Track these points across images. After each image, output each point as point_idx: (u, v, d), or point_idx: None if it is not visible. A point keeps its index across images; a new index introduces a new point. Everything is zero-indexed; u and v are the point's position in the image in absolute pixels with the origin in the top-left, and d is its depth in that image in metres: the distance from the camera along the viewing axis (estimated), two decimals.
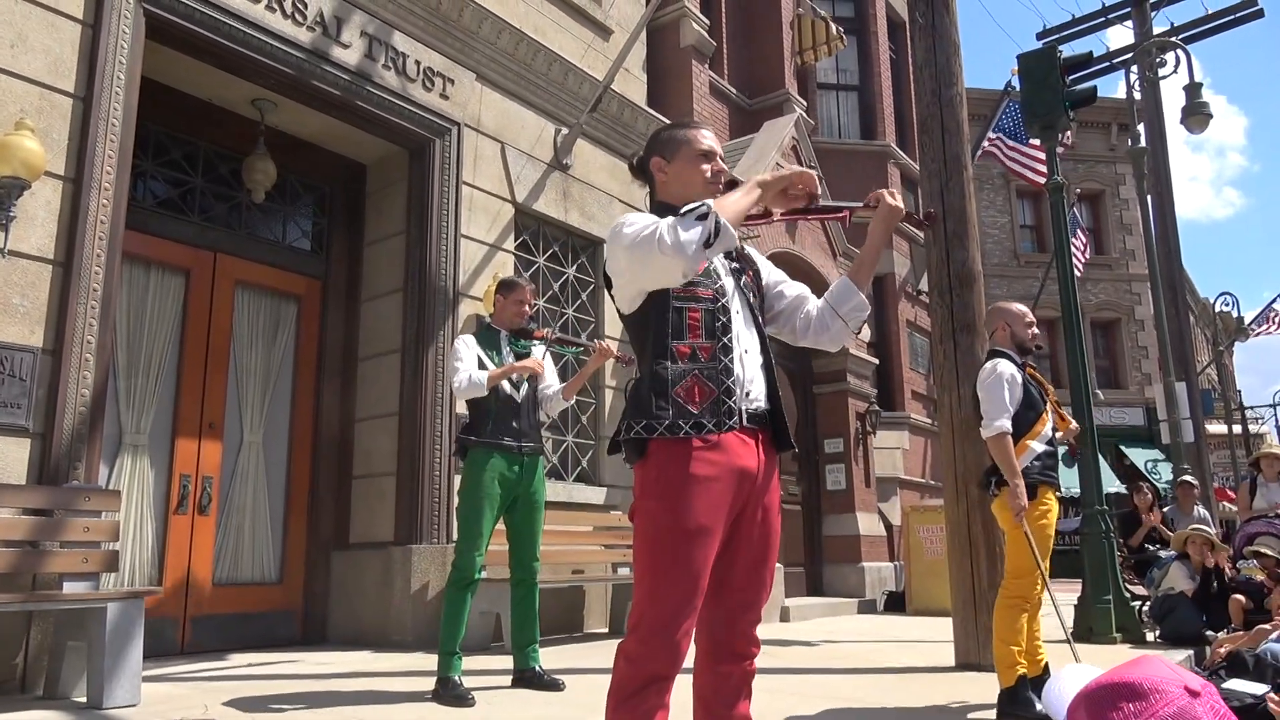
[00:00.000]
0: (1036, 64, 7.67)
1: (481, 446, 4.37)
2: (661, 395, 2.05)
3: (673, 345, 2.07)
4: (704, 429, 2.02)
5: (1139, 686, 1.08)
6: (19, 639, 4.32)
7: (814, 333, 2.36)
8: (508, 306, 4.65)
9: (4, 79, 4.62)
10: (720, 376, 2.06)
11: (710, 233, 1.95)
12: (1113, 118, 24.05)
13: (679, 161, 2.28)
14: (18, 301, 4.55)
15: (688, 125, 2.35)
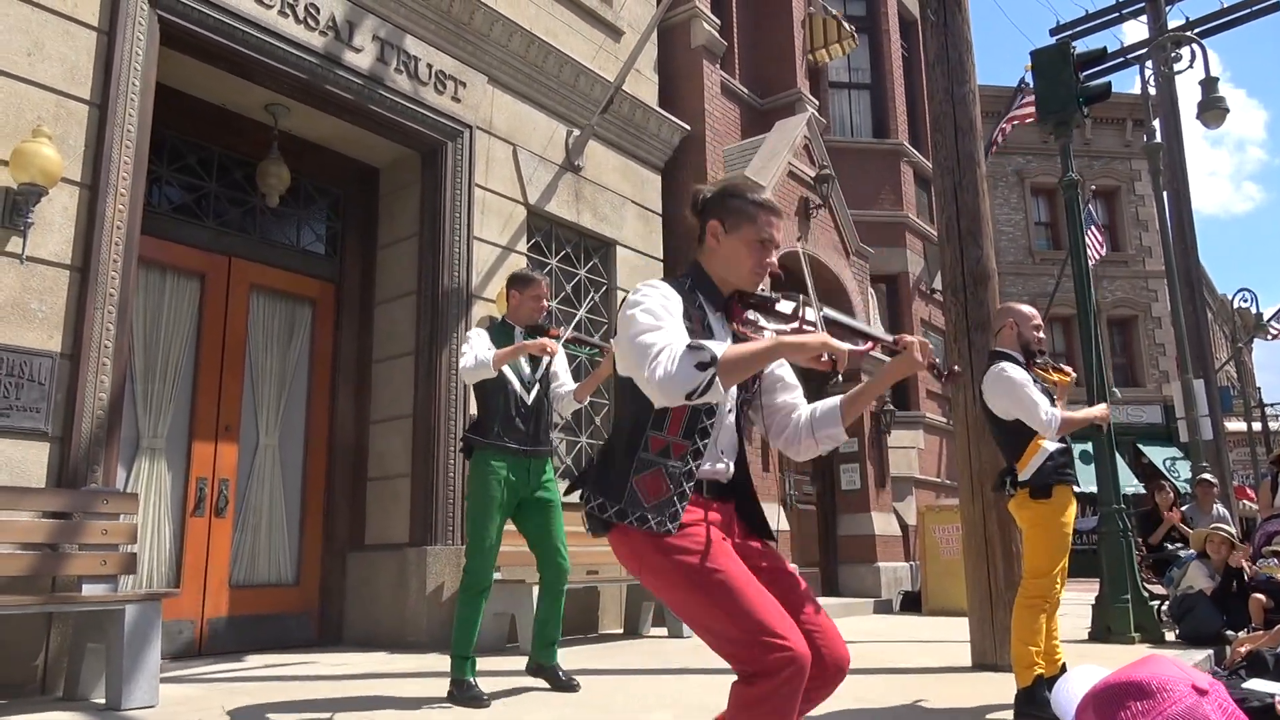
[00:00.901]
0: (1050, 60, 7.63)
1: (487, 448, 4.28)
2: (623, 482, 2.04)
3: (649, 434, 2.05)
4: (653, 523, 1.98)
5: (1146, 685, 1.07)
6: (39, 641, 4.36)
7: (786, 441, 2.32)
8: (524, 302, 4.48)
9: (22, 87, 4.67)
10: (681, 479, 2.02)
11: (701, 388, 1.86)
12: (1128, 113, 23.87)
13: (735, 238, 2.21)
14: (36, 307, 4.59)
15: (762, 204, 2.23)
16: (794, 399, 2.34)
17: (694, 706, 4.01)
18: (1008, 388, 3.91)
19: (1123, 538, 6.93)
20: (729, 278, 2.21)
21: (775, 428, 2.32)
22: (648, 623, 7.42)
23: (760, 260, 2.21)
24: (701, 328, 2.11)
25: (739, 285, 2.22)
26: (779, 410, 2.32)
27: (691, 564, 1.95)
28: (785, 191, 9.62)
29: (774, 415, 2.32)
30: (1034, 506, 3.89)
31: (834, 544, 10.10)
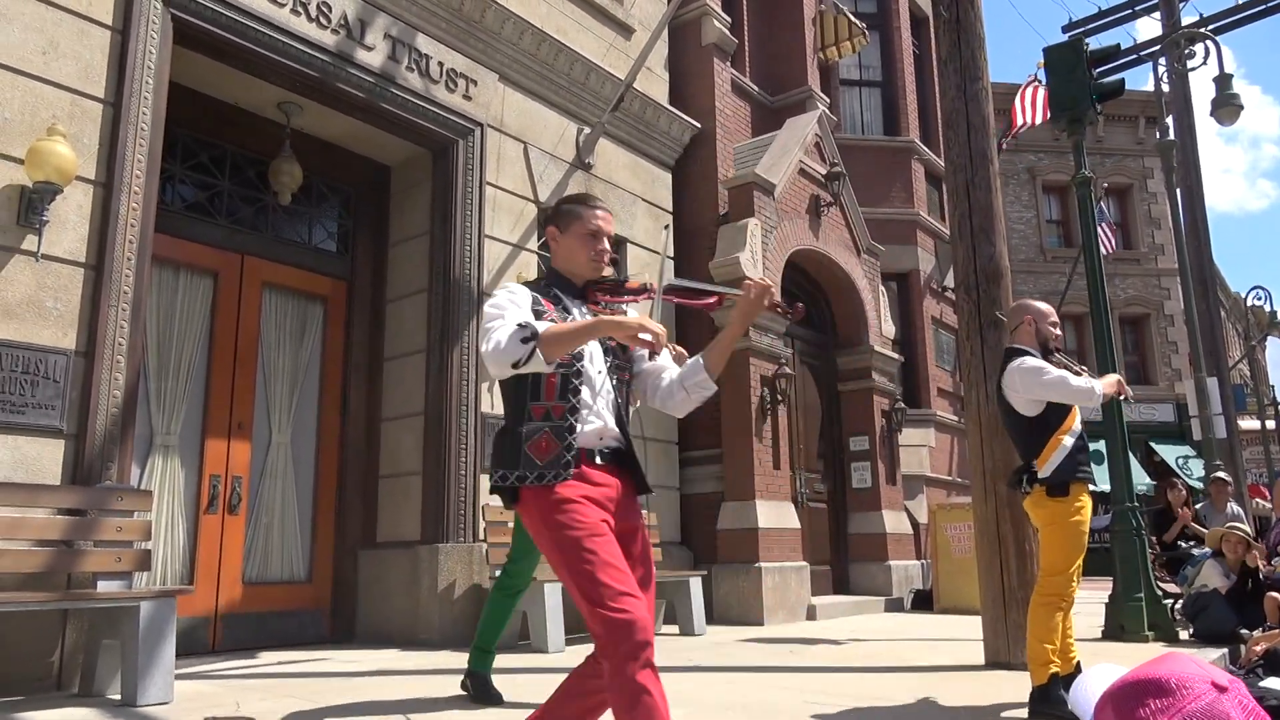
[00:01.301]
0: (1063, 57, 7.58)
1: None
2: (516, 449, 2.38)
3: (530, 405, 2.39)
4: (548, 478, 2.31)
5: (1165, 683, 1.06)
6: (55, 637, 4.38)
7: (661, 398, 2.64)
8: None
9: (37, 85, 4.70)
10: (565, 434, 2.36)
11: (524, 357, 2.23)
12: (1140, 110, 23.73)
13: (569, 236, 2.58)
14: (51, 305, 4.62)
15: (585, 202, 2.61)
16: (663, 364, 2.68)
17: (709, 704, 4.01)
18: (1030, 377, 3.89)
19: (1136, 536, 6.89)
20: (575, 270, 2.58)
21: (650, 389, 2.67)
22: (659, 621, 7.42)
23: (593, 249, 2.57)
24: (562, 317, 2.45)
25: (584, 275, 2.58)
26: (650, 375, 2.66)
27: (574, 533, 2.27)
28: (796, 189, 9.60)
29: (646, 380, 2.66)
30: (1050, 505, 3.87)
31: (845, 542, 10.08)
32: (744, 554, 8.11)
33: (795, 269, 9.76)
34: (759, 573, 7.97)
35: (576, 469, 2.35)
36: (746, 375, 8.46)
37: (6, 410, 4.37)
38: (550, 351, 2.26)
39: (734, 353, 8.61)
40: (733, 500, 8.36)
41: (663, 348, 2.38)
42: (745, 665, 5.34)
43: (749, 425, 8.36)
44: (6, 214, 4.50)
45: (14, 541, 4.18)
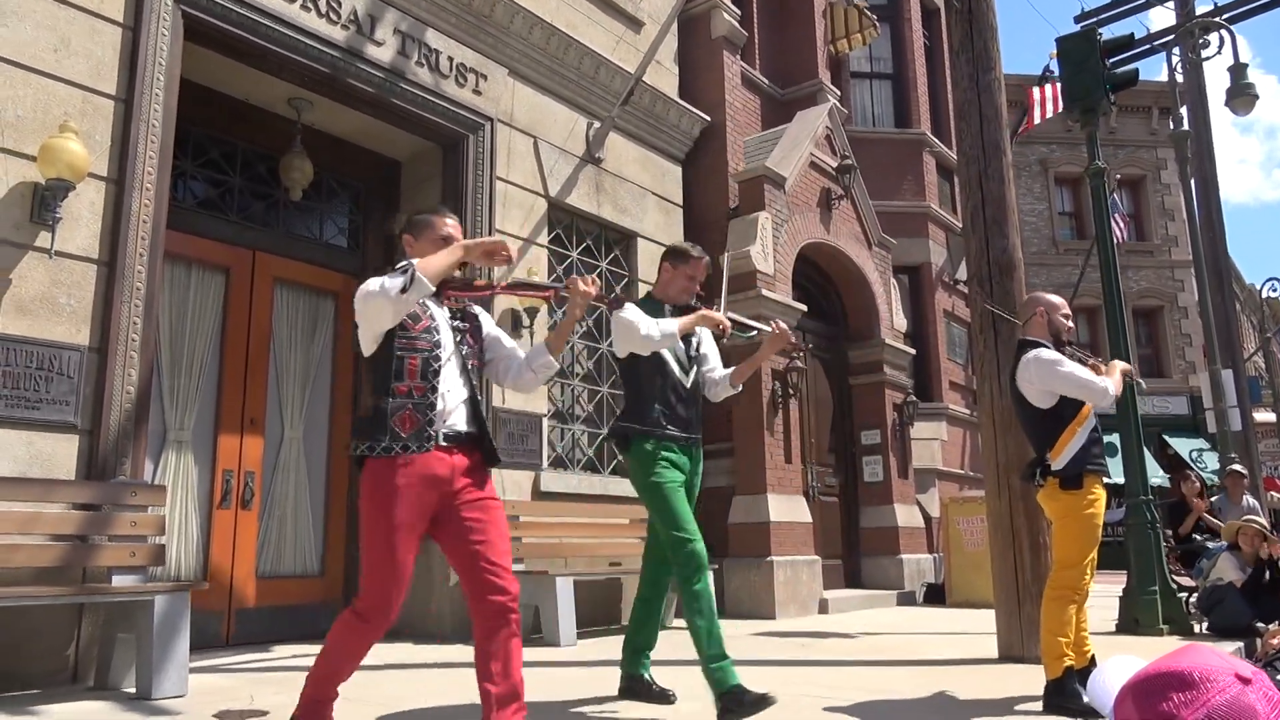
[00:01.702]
0: (1076, 47, 7.53)
1: (648, 436, 3.78)
2: (381, 423, 2.73)
3: (393, 384, 2.75)
4: (409, 449, 2.71)
5: (1188, 675, 1.04)
6: (70, 631, 4.41)
7: (511, 378, 3.15)
8: (676, 279, 4.02)
9: (49, 83, 4.71)
10: (427, 410, 2.76)
11: (406, 282, 2.63)
12: (1154, 101, 23.55)
13: (422, 241, 2.99)
14: (64, 301, 4.64)
15: (435, 212, 3.10)
16: (510, 349, 3.18)
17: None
18: (1047, 369, 3.87)
19: (1150, 529, 6.85)
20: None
21: (501, 371, 3.15)
22: (670, 614, 7.42)
23: None
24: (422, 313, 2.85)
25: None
26: (500, 359, 3.15)
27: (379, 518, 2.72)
28: (807, 182, 9.56)
29: (497, 364, 3.14)
30: (1064, 497, 3.84)
31: (857, 536, 10.06)
32: (756, 548, 8.11)
33: (806, 262, 9.73)
34: (770, 566, 7.97)
35: (435, 443, 2.75)
36: (757, 369, 8.43)
37: (21, 406, 4.40)
38: (430, 274, 2.70)
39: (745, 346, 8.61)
40: (744, 494, 8.35)
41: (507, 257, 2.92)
42: (757, 659, 5.33)
43: (760, 419, 8.35)
44: (20, 211, 4.52)
45: (30, 536, 4.21)
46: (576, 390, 7.81)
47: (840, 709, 3.80)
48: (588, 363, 7.95)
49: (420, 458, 2.72)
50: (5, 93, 4.56)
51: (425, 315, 2.85)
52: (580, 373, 7.88)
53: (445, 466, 2.78)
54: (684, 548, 3.65)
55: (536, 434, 7.12)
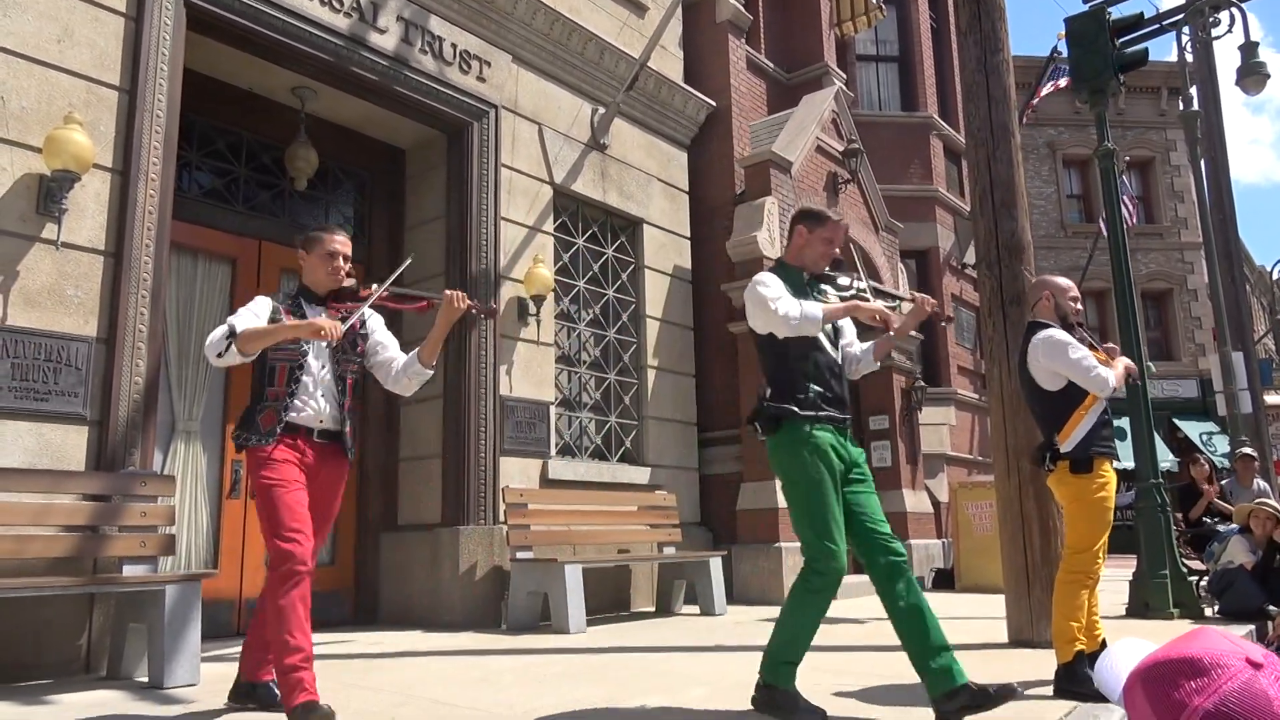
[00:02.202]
0: (1085, 26, 7.45)
1: (804, 419, 3.30)
2: (251, 419, 3.27)
3: (265, 389, 3.29)
4: (265, 442, 3.20)
5: (1199, 661, 1.03)
6: (82, 621, 4.44)
7: (392, 382, 3.58)
8: (813, 244, 3.57)
9: (53, 74, 4.71)
10: (282, 412, 3.24)
11: (223, 350, 3.16)
12: (1163, 81, 23.34)
13: (312, 258, 3.44)
14: (72, 293, 4.65)
15: (328, 230, 3.50)
16: (392, 355, 3.61)
17: (730, 683, 4.01)
18: (1057, 349, 3.83)
19: (1160, 513, 6.83)
20: (317, 281, 3.46)
21: (382, 375, 3.59)
22: (679, 600, 7.43)
23: (330, 266, 3.44)
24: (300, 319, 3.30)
25: (326, 286, 3.46)
26: (382, 365, 3.59)
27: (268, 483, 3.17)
28: (813, 167, 9.51)
29: (379, 369, 3.59)
30: (1074, 481, 3.81)
31: None
32: (764, 534, 8.11)
33: None
34: (779, 552, 7.97)
35: (289, 439, 3.24)
36: None
37: (31, 397, 4.41)
38: (248, 348, 3.18)
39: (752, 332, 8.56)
40: (752, 480, 8.35)
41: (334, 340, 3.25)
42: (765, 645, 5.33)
43: None
44: (26, 203, 4.52)
45: (42, 527, 4.23)
46: (584, 378, 7.81)
47: (852, 693, 3.80)
48: (595, 350, 7.94)
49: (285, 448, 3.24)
50: (9, 84, 4.55)
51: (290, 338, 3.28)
52: (587, 360, 7.87)
53: (310, 457, 3.30)
54: (823, 559, 3.22)
55: (544, 422, 7.12)
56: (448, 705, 3.56)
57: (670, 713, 3.41)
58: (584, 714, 3.39)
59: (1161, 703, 0.99)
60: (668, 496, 7.74)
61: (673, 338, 8.54)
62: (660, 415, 8.22)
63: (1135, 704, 1.03)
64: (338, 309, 3.42)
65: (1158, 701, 1.00)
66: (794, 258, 3.62)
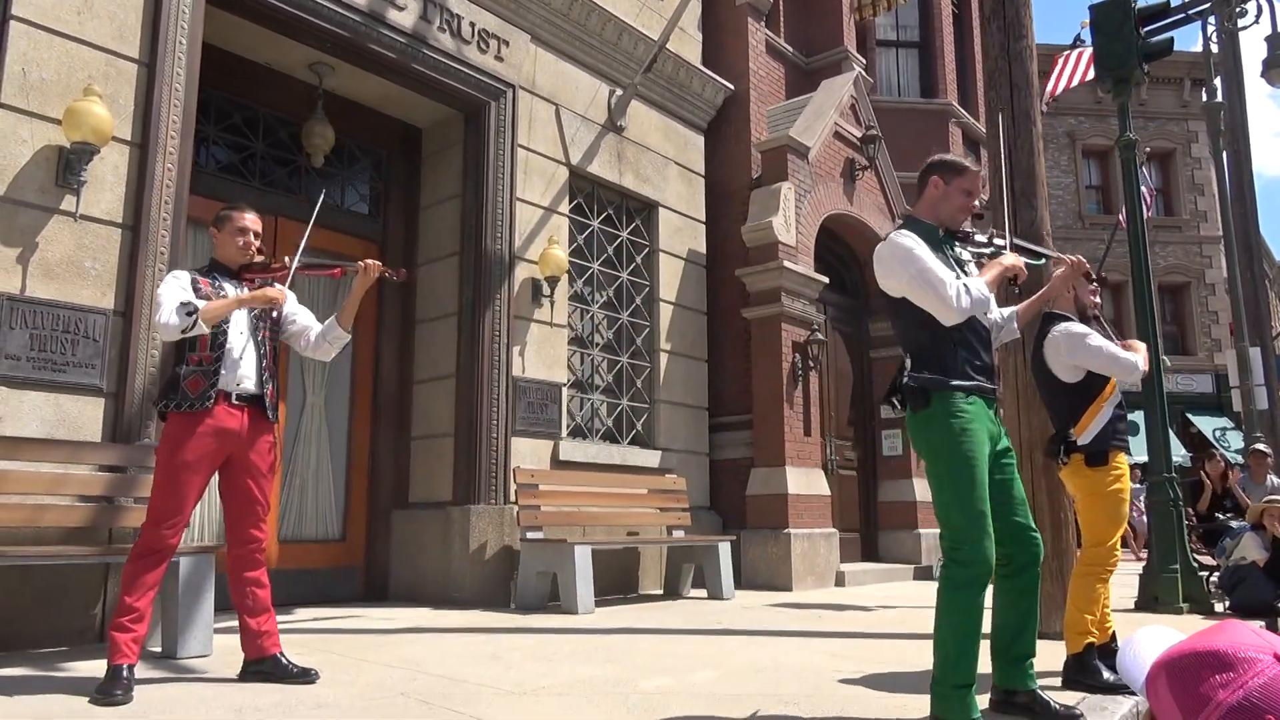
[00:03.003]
0: (1110, 15, 7.36)
1: (956, 391, 2.93)
2: (176, 385, 3.45)
3: (188, 354, 3.46)
4: (196, 406, 3.39)
5: (1226, 655, 1.01)
6: (97, 590, 4.48)
7: (311, 349, 3.82)
8: (952, 196, 3.15)
9: (73, 46, 4.71)
10: (211, 375, 3.44)
11: (189, 328, 3.32)
12: (1186, 72, 23.08)
13: (224, 234, 3.67)
14: (89, 265, 4.67)
15: (235, 208, 3.73)
16: (308, 324, 3.84)
17: (738, 667, 4.02)
18: (1075, 340, 3.80)
19: (1173, 507, 6.80)
20: (229, 257, 3.68)
21: (301, 343, 3.83)
22: (687, 584, 7.46)
23: (242, 242, 3.65)
24: (215, 292, 3.53)
25: (237, 261, 3.67)
26: (299, 333, 3.82)
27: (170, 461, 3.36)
28: (830, 152, 9.45)
29: (297, 338, 3.83)
30: (1090, 475, 3.78)
31: (874, 510, 10.05)
32: (773, 520, 8.12)
33: (828, 233, 9.64)
34: (788, 539, 7.98)
35: (215, 403, 3.42)
36: (778, 341, 8.41)
37: (49, 368, 4.44)
38: (209, 321, 3.37)
39: (766, 318, 8.53)
40: (763, 466, 8.35)
41: (281, 305, 3.66)
42: (774, 629, 5.35)
43: (780, 391, 8.33)
44: (45, 174, 4.54)
45: (58, 497, 4.27)
46: (596, 360, 7.81)
47: (857, 679, 3.81)
48: (608, 333, 7.94)
49: (213, 410, 3.42)
50: (30, 55, 4.56)
51: (219, 297, 3.49)
52: (600, 343, 7.87)
53: (234, 421, 3.48)
54: (969, 543, 2.83)
55: (555, 403, 7.13)
56: (457, 681, 3.59)
57: (676, 694, 3.42)
58: (591, 693, 3.41)
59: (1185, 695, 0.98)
60: (678, 480, 7.75)
61: (686, 322, 8.53)
62: (672, 399, 8.22)
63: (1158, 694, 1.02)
64: (251, 279, 3.66)
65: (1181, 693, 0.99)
66: (929, 212, 3.18)
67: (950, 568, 2.87)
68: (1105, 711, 3.21)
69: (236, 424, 3.48)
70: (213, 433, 3.41)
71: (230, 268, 3.66)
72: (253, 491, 3.57)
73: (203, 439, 3.38)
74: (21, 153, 4.48)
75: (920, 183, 3.26)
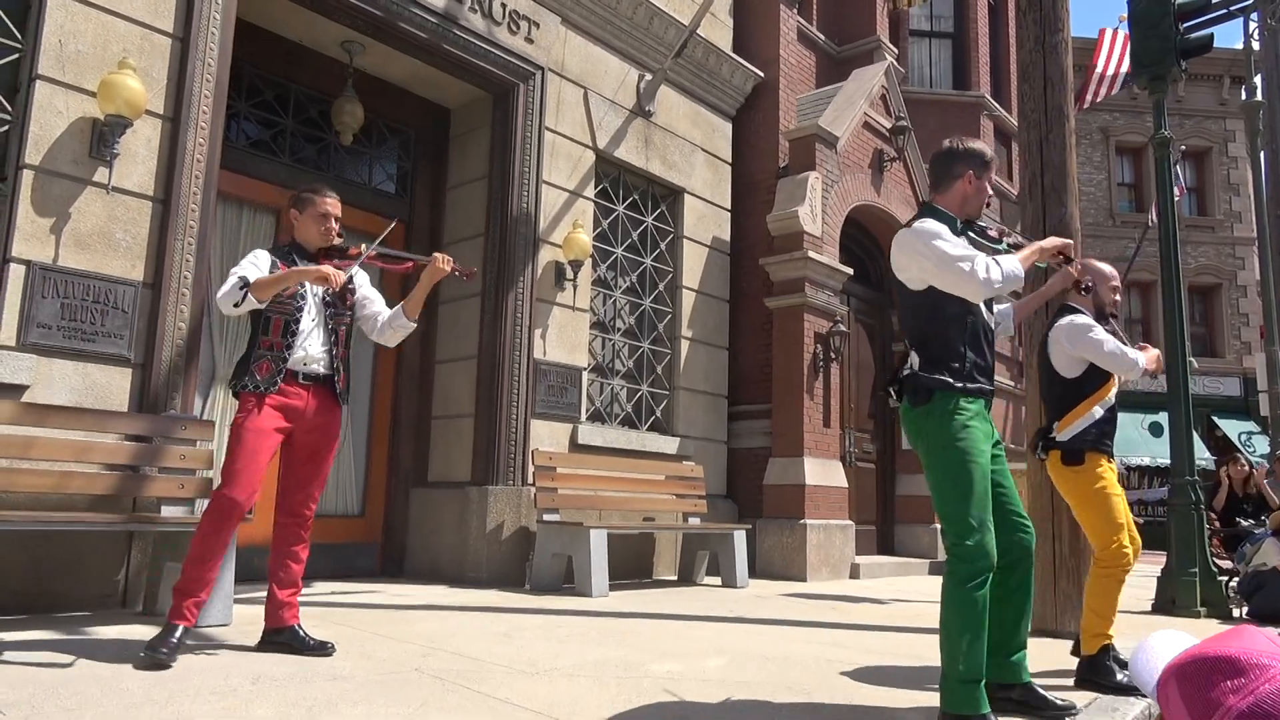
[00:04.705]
0: (1148, 9, 7.25)
1: (959, 393, 2.95)
2: (246, 367, 3.53)
3: (260, 337, 3.53)
4: (263, 389, 3.49)
5: (1237, 661, 1.01)
6: (121, 557, 4.56)
7: (378, 333, 3.88)
8: (982, 190, 3.17)
9: (109, 19, 4.75)
10: (279, 362, 3.52)
11: (240, 301, 3.39)
12: (1225, 70, 22.67)
13: (305, 218, 3.70)
14: (120, 236, 4.72)
15: (320, 192, 3.73)
16: (378, 309, 3.89)
17: (748, 655, 4.04)
18: (1078, 332, 3.77)
19: (1194, 510, 6.74)
20: (309, 240, 3.71)
21: (368, 327, 3.89)
22: (701, 571, 7.48)
23: (324, 227, 3.70)
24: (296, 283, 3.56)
25: (317, 244, 3.70)
26: (368, 318, 3.88)
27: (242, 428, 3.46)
28: (859, 142, 9.38)
29: (365, 321, 3.88)
30: (1068, 475, 3.79)
31: (892, 503, 10.02)
32: (790, 510, 8.12)
33: (854, 224, 9.58)
34: (804, 529, 7.98)
35: (287, 385, 3.52)
36: (800, 331, 8.38)
37: (78, 338, 4.51)
38: (261, 295, 3.39)
39: (789, 307, 8.49)
40: (781, 456, 8.34)
41: (336, 287, 3.50)
42: (786, 619, 5.36)
43: (800, 381, 8.31)
44: (80, 145, 4.59)
45: (85, 464, 4.34)
46: (617, 345, 7.82)
47: (870, 670, 3.81)
48: (630, 318, 7.95)
49: (284, 388, 3.51)
50: (67, 27, 4.60)
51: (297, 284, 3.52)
52: (622, 328, 7.88)
53: (300, 400, 3.56)
54: (971, 538, 2.84)
55: (576, 387, 7.15)
56: (471, 658, 3.63)
57: (686, 679, 3.44)
58: (602, 674, 3.44)
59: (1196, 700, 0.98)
60: (695, 468, 7.76)
61: (708, 309, 8.52)
62: (692, 386, 8.23)
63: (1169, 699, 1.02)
64: (328, 263, 3.64)
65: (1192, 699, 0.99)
66: (956, 206, 3.14)
67: (954, 563, 2.88)
68: (1116, 713, 3.20)
69: (302, 403, 3.56)
70: (279, 408, 3.51)
71: (309, 250, 3.70)
72: (310, 470, 3.67)
73: (269, 414, 3.49)
74: (57, 124, 4.54)
75: (942, 169, 3.19)
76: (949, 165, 3.17)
